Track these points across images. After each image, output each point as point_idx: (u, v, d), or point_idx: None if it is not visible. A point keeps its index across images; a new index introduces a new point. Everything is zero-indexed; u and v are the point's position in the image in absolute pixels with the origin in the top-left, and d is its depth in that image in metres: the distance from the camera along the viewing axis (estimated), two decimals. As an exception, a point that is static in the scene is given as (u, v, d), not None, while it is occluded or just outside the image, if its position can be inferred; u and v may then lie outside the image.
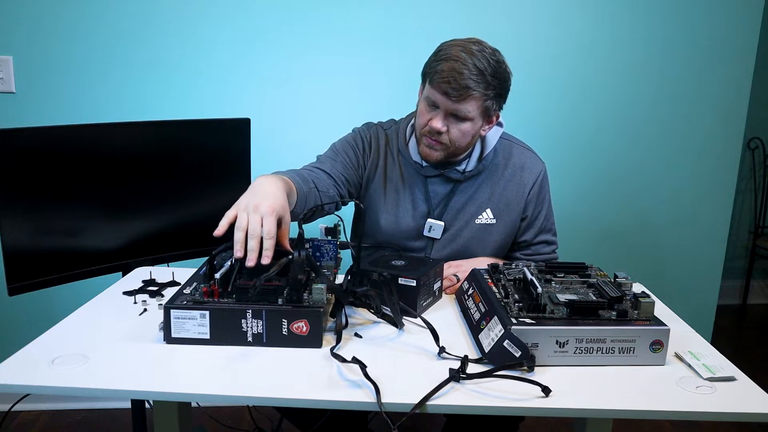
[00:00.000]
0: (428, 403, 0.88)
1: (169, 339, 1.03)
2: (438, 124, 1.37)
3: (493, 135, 1.49)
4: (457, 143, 1.41)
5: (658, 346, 1.00)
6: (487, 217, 1.49)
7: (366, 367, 0.93)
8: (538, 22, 2.08)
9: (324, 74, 2.06)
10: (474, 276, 1.24)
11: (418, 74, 1.42)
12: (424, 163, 1.48)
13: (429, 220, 1.48)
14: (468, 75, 1.31)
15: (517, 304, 1.05)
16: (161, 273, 1.38)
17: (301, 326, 1.02)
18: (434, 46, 2.10)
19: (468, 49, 1.33)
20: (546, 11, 2.07)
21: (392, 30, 2.04)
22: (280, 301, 1.04)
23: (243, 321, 1.02)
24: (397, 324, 1.12)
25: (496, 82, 1.35)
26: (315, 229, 1.38)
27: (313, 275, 1.12)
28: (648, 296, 1.07)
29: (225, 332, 1.02)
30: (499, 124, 1.51)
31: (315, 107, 2.08)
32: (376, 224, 1.52)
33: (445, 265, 1.34)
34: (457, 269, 1.37)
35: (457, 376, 0.93)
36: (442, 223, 1.48)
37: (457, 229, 1.49)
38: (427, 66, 1.39)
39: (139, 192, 1.51)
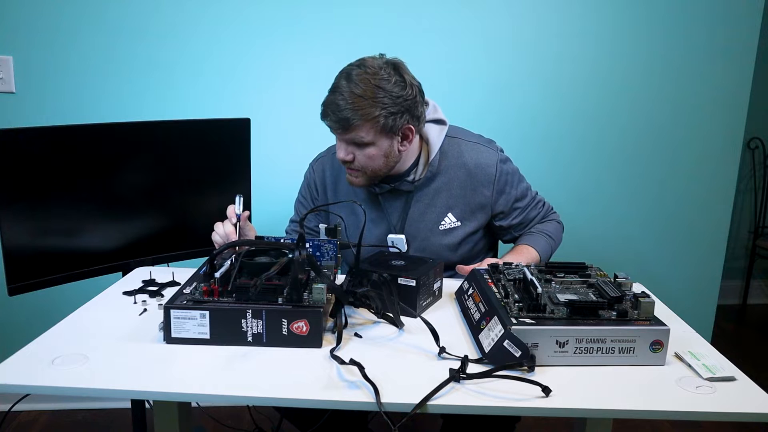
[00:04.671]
0: (428, 403, 0.88)
1: (169, 339, 1.03)
2: (341, 154, 1.38)
3: (435, 138, 1.45)
4: (370, 168, 1.39)
5: (658, 346, 1.00)
6: (450, 221, 1.47)
7: (364, 368, 0.93)
8: (539, 23, 2.08)
9: (324, 74, 2.05)
10: (474, 276, 1.24)
11: (421, 74, 1.42)
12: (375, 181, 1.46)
13: (389, 236, 1.48)
14: (344, 105, 1.30)
15: (517, 304, 1.05)
16: (161, 273, 1.38)
17: (301, 326, 1.02)
18: (435, 47, 2.11)
19: (349, 75, 1.32)
20: (547, 12, 2.07)
21: (393, 30, 2.04)
22: (280, 300, 1.04)
23: (243, 321, 1.02)
24: (397, 324, 1.12)
25: (386, 101, 1.30)
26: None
27: (313, 275, 1.12)
28: (648, 296, 1.07)
29: (225, 332, 1.02)
30: (442, 122, 1.48)
31: (315, 107, 2.07)
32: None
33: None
34: None
35: (457, 376, 0.93)
36: (403, 237, 1.47)
37: (423, 238, 1.48)
38: None
39: (139, 192, 1.51)
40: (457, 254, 1.49)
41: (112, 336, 1.07)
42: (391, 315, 1.13)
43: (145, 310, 1.19)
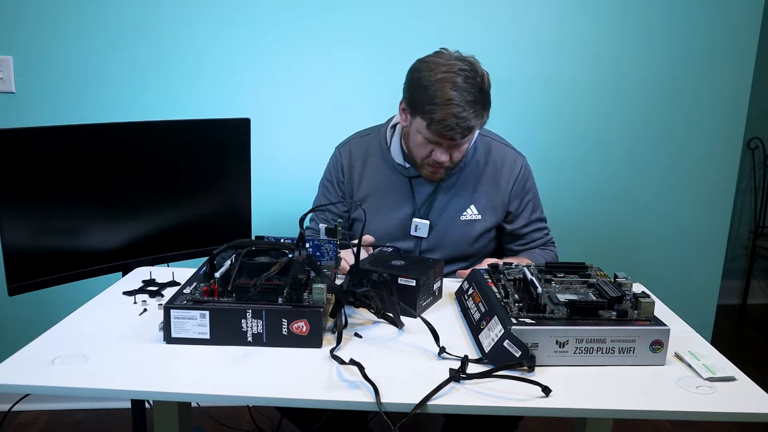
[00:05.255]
0: (428, 403, 0.88)
1: (169, 339, 1.03)
2: (443, 157, 1.42)
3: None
4: (456, 162, 1.47)
5: (658, 346, 1.00)
6: (471, 213, 1.52)
7: (364, 368, 0.93)
8: (540, 23, 2.08)
9: (324, 74, 2.06)
10: (474, 276, 1.24)
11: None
12: (407, 165, 1.52)
13: (414, 219, 1.52)
14: (468, 116, 1.33)
15: (517, 304, 1.05)
16: (161, 273, 1.38)
17: (301, 326, 1.02)
18: (436, 46, 2.10)
19: (456, 84, 1.33)
20: (548, 13, 2.07)
21: (393, 29, 2.04)
22: (280, 300, 1.04)
23: (243, 321, 1.02)
24: (397, 324, 1.12)
25: (487, 101, 1.38)
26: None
27: (313, 275, 1.12)
28: (648, 296, 1.07)
29: (225, 332, 1.02)
30: None
31: (315, 107, 2.08)
32: (365, 228, 1.53)
33: None
34: None
35: (457, 376, 0.93)
36: (428, 222, 1.51)
37: (443, 226, 1.52)
38: (416, 101, 1.37)
39: (140, 192, 1.51)
40: (473, 248, 1.53)
41: (112, 336, 1.07)
42: (391, 315, 1.13)
43: (145, 310, 1.19)
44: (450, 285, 1.34)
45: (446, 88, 1.33)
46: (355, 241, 1.35)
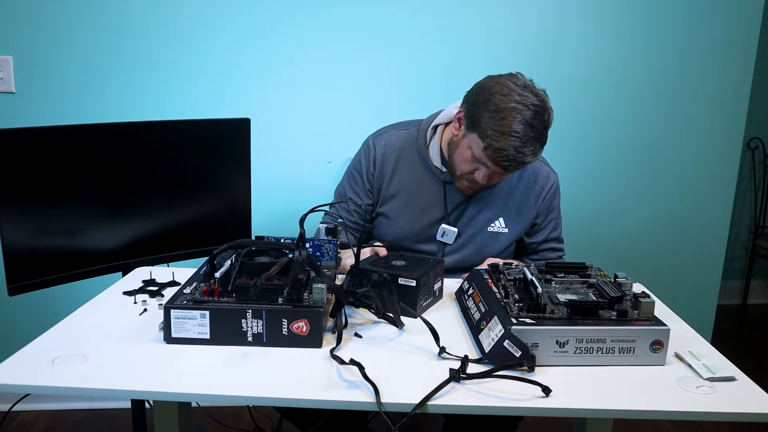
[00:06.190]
0: (428, 403, 0.88)
1: (169, 339, 1.03)
2: (484, 181, 1.41)
3: None
4: (496, 184, 1.48)
5: (658, 346, 1.00)
6: (499, 225, 1.51)
7: (364, 368, 0.93)
8: (540, 23, 2.08)
9: (325, 74, 2.06)
10: (474, 276, 1.24)
11: (421, 74, 1.42)
12: (444, 169, 1.50)
13: (443, 225, 1.50)
14: (526, 151, 1.32)
15: (517, 304, 1.05)
16: (161, 273, 1.38)
17: (301, 326, 1.02)
18: (437, 46, 2.11)
19: (524, 118, 1.30)
20: (548, 13, 2.07)
21: (394, 29, 2.04)
22: (280, 300, 1.04)
23: (243, 321, 1.02)
24: (398, 324, 1.12)
25: (545, 139, 1.36)
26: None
27: (313, 275, 1.12)
28: (648, 296, 1.07)
29: (225, 332, 1.02)
30: None
31: (315, 107, 2.08)
32: (390, 226, 1.53)
33: None
34: None
35: (457, 376, 0.93)
36: (456, 230, 1.50)
37: (469, 235, 1.51)
38: (479, 120, 1.34)
39: (139, 192, 1.51)
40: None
41: (112, 336, 1.07)
42: (391, 315, 1.13)
43: (145, 310, 1.19)
44: (450, 285, 1.34)
45: (515, 120, 1.30)
46: (378, 243, 1.36)
